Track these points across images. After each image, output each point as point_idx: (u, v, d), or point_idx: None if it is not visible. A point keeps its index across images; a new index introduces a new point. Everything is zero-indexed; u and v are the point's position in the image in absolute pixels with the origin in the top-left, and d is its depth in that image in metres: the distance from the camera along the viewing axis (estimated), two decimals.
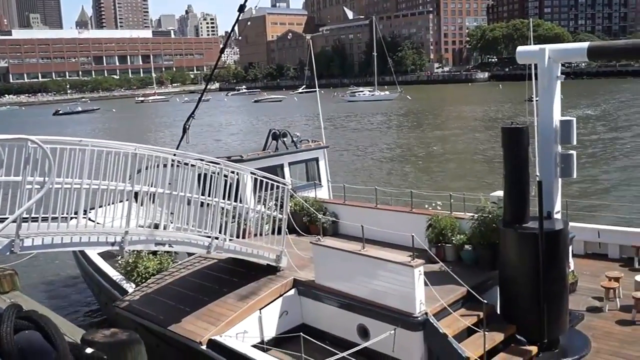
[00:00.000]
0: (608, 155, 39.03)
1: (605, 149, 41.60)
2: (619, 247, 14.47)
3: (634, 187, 29.71)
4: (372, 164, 41.89)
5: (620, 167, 35.24)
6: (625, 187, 29.96)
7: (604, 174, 33.12)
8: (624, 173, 33.43)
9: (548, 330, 9.94)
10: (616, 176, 32.78)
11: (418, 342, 9.66)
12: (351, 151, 47.98)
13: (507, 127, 10.44)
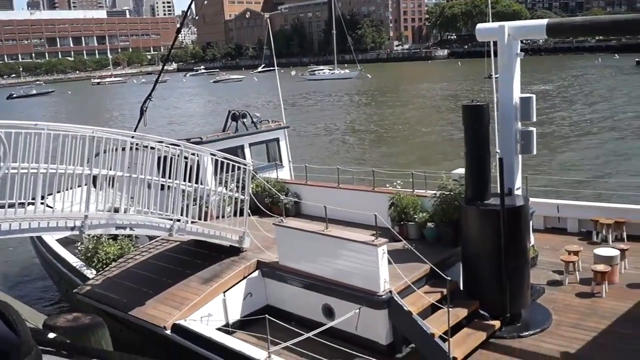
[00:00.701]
0: (566, 131, 39.65)
1: (563, 124, 42.25)
2: (578, 221, 14.75)
3: (592, 162, 30.29)
4: (334, 144, 41.88)
5: (577, 142, 35.84)
6: (582, 162, 30.51)
7: (562, 150, 33.67)
8: (581, 148, 34.02)
9: (510, 305, 10.08)
10: (574, 151, 33.34)
11: (383, 320, 9.71)
12: (312, 131, 47.89)
13: (468, 104, 10.47)
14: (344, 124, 51.89)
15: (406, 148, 38.09)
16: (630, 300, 10.99)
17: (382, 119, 53.04)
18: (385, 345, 9.79)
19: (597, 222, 14.08)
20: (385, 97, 73.63)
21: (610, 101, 52.50)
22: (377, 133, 45.58)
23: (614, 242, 13.67)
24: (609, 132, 37.74)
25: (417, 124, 48.36)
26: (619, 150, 32.30)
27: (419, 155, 34.54)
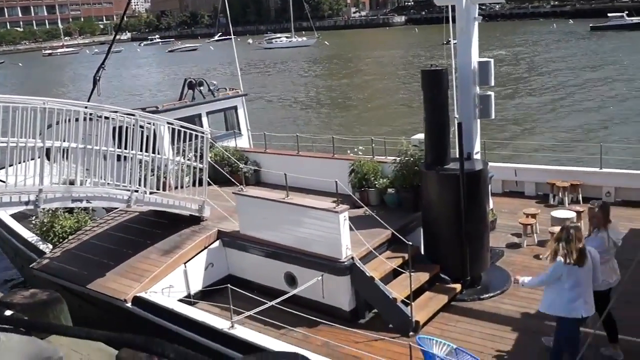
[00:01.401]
0: (522, 95, 40.12)
1: (520, 89, 42.72)
2: (535, 185, 14.97)
3: (548, 125, 30.73)
4: (293, 112, 41.67)
5: (533, 106, 36.29)
6: (539, 126, 30.94)
7: (518, 114, 34.06)
8: (538, 112, 34.47)
9: (470, 268, 10.20)
10: (530, 115, 33.77)
11: (345, 287, 9.74)
12: (271, 99, 47.53)
13: (427, 69, 10.43)
14: (302, 92, 51.60)
15: (366, 115, 38.10)
16: None
17: (341, 87, 52.89)
18: (348, 311, 9.83)
19: (553, 185, 14.31)
20: (344, 64, 73.30)
21: (566, 66, 53.17)
22: (337, 100, 45.46)
23: (570, 204, 13.93)
24: (564, 98, 38.26)
25: (376, 91, 48.37)
26: (574, 115, 32.84)
27: (378, 121, 34.58)
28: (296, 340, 9.05)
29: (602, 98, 36.64)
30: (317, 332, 9.19)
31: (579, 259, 7.14)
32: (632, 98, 35.52)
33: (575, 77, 46.29)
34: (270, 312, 9.07)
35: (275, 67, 75.72)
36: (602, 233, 8.02)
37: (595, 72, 47.69)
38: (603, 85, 41.21)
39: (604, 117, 31.43)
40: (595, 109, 33.73)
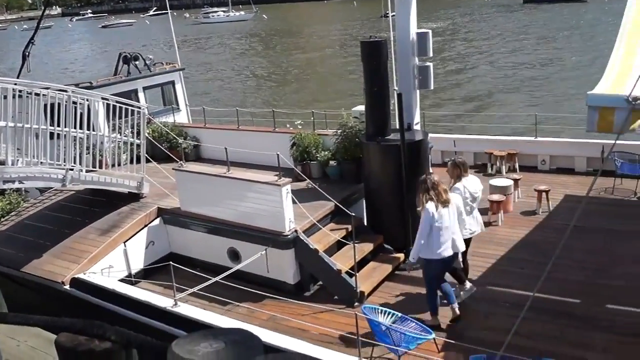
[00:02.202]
0: (459, 66, 40.66)
1: (457, 60, 43.27)
2: (474, 154, 15.24)
3: (485, 96, 31.25)
4: (232, 86, 41.20)
5: (470, 77, 36.84)
6: (476, 96, 31.44)
7: (457, 84, 34.53)
8: (475, 83, 35.01)
9: (413, 238, 10.30)
10: (468, 86, 34.28)
11: (290, 260, 9.72)
12: (209, 74, 46.87)
13: (366, 40, 10.40)
14: (241, 66, 51.01)
15: (306, 89, 37.99)
16: (524, 227, 11.52)
17: (280, 61, 52.52)
18: (293, 285, 9.84)
19: (491, 154, 14.60)
20: (283, 38, 72.78)
21: (499, 37, 54.06)
22: (276, 74, 45.15)
23: (507, 172, 14.25)
24: (499, 69, 38.94)
25: (316, 65, 48.24)
26: (510, 85, 33.49)
27: (319, 94, 34.53)
28: (241, 315, 9.01)
29: (535, 70, 37.43)
30: (263, 307, 9.17)
31: (444, 202, 7.99)
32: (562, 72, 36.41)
33: (509, 49, 47.11)
34: (215, 289, 8.98)
35: (213, 42, 74.54)
36: (458, 185, 8.76)
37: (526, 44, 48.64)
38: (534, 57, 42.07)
39: (537, 88, 32.14)
40: (528, 81, 34.44)
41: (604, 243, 10.58)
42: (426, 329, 7.49)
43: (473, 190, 8.89)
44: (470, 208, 8.89)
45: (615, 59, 6.63)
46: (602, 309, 8.66)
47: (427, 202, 8.00)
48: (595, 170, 13.14)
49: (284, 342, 7.49)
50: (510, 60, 41.81)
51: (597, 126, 5.57)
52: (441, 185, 8.07)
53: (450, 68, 40.20)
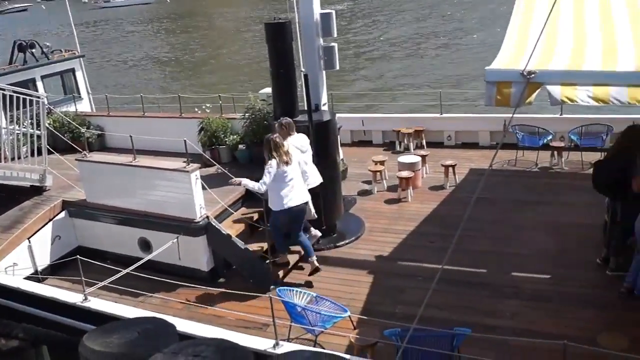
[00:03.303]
0: (365, 46, 41.06)
1: (362, 40, 43.67)
2: (382, 133, 15.48)
3: (390, 75, 31.71)
4: (136, 72, 40.11)
5: (376, 57, 37.29)
6: (382, 75, 31.86)
7: (363, 64, 34.87)
8: (380, 62, 35.46)
9: (326, 218, 10.38)
10: (374, 66, 34.68)
11: (202, 247, 9.59)
12: (112, 60, 45.43)
13: (270, 22, 10.30)
14: (145, 51, 49.68)
15: (212, 72, 37.44)
16: (433, 202, 11.82)
17: (185, 45, 51.48)
18: (207, 272, 9.72)
19: (399, 132, 14.87)
20: (187, 22, 71.29)
21: (403, 18, 54.91)
22: (182, 59, 44.26)
23: (415, 149, 14.55)
24: (404, 48, 39.58)
25: (222, 48, 47.59)
26: (414, 64, 34.11)
27: (225, 78, 34.10)
28: (155, 306, 8.85)
29: (439, 48, 38.27)
30: (177, 296, 9.01)
31: (286, 161, 8.79)
32: (465, 48, 37.40)
33: (413, 28, 47.93)
34: (126, 281, 8.75)
35: (115, 27, 72.19)
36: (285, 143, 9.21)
37: (429, 23, 49.64)
38: (438, 35, 43.01)
39: (442, 65, 32.89)
40: (432, 58, 35.20)
41: (508, 213, 11.01)
42: (342, 308, 7.57)
43: (300, 145, 9.53)
44: (304, 162, 9.55)
45: (511, 35, 6.83)
46: (508, 276, 9.02)
47: (270, 159, 8.76)
48: (500, 143, 13.59)
49: (200, 330, 7.39)
50: (414, 38, 42.54)
51: (495, 100, 5.73)
52: (284, 147, 8.86)
53: (356, 48, 40.54)
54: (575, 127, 13.07)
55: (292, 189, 8.90)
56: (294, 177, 8.95)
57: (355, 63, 35.27)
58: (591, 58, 6.05)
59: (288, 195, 8.86)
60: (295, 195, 8.94)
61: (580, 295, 8.35)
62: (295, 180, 8.96)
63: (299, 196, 9.01)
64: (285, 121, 9.61)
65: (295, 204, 8.93)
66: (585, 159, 12.69)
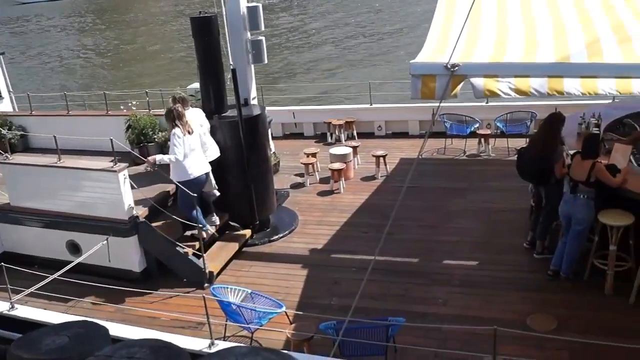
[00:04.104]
0: (295, 39, 40.99)
1: (291, 33, 43.57)
2: (313, 125, 15.52)
3: (320, 68, 31.77)
4: (59, 70, 38.86)
5: (307, 49, 37.28)
6: (313, 69, 31.89)
7: (292, 58, 34.81)
8: (311, 55, 35.47)
9: (258, 212, 10.36)
10: (304, 58, 34.67)
11: (133, 247, 9.40)
12: (33, 57, 43.87)
13: (196, 16, 10.15)
14: (68, 48, 48.16)
15: (139, 68, 36.65)
16: (365, 192, 11.94)
17: (110, 41, 50.19)
18: (139, 272, 9.53)
19: (330, 124, 14.94)
20: (111, 16, 69.54)
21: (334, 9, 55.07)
22: (107, 55, 43.13)
23: (347, 140, 14.66)
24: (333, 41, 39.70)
25: (148, 42, 46.61)
26: (344, 56, 34.26)
27: (152, 74, 33.45)
28: (86, 310, 8.64)
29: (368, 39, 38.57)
30: (109, 299, 8.81)
31: (188, 131, 9.09)
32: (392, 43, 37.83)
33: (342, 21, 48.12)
34: (56, 286, 8.47)
35: (35, 23, 69.74)
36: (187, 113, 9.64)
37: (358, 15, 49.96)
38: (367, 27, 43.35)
39: (371, 56, 33.16)
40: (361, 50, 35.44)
41: (438, 200, 11.22)
42: (277, 303, 7.57)
43: (196, 119, 9.80)
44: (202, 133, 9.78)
45: (435, 28, 6.95)
46: (440, 263, 9.21)
47: (174, 128, 9.02)
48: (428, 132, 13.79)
49: (133, 333, 7.25)
50: (344, 30, 42.72)
51: (421, 93, 5.81)
52: (185, 116, 9.20)
53: (285, 41, 40.42)
54: (501, 115, 13.45)
55: (195, 158, 9.23)
56: (196, 147, 9.27)
57: (284, 56, 35.17)
58: (512, 50, 6.22)
59: (192, 165, 9.17)
60: (198, 165, 9.28)
61: (509, 279, 8.60)
62: (197, 150, 9.30)
63: (202, 166, 9.36)
64: (179, 96, 9.97)
65: (199, 173, 9.27)
66: (511, 146, 13.06)
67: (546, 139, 8.57)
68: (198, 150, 9.36)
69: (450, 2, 7.36)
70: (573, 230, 8.12)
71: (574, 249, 8.22)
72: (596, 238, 8.12)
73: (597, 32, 6.39)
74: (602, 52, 5.99)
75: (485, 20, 6.87)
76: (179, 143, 8.98)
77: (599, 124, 9.53)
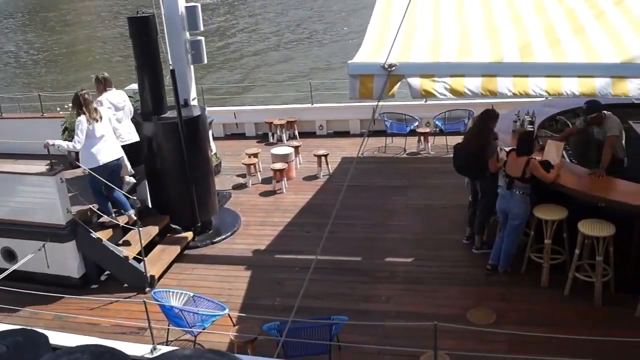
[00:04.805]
0: (235, 39, 40.73)
1: (232, 33, 43.28)
2: (254, 125, 15.47)
3: (262, 67, 31.68)
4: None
5: (247, 49, 37.09)
6: (253, 68, 31.76)
7: (234, 57, 34.59)
8: (252, 54, 35.32)
9: (200, 214, 10.26)
10: (245, 58, 34.49)
11: (71, 253, 9.18)
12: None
13: (133, 16, 9.99)
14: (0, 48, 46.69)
15: (74, 69, 35.79)
16: (307, 192, 11.97)
17: (44, 41, 48.75)
18: (78, 278, 9.31)
19: (271, 123, 14.90)
20: (44, 15, 67.62)
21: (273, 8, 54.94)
22: (40, 55, 41.92)
23: (288, 140, 14.66)
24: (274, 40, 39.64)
25: (83, 42, 45.52)
26: (285, 55, 34.26)
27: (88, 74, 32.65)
28: (24, 319, 8.36)
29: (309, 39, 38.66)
30: (47, 306, 8.59)
31: (95, 118, 8.97)
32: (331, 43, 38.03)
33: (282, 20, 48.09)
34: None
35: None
36: (101, 98, 9.87)
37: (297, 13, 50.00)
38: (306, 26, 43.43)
39: (311, 56, 33.26)
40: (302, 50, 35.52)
41: (380, 199, 11.34)
42: (220, 305, 7.52)
43: (116, 102, 9.95)
44: (119, 119, 9.88)
45: (373, 28, 7.01)
46: (382, 261, 9.32)
47: (79, 115, 8.93)
48: (369, 131, 13.89)
49: (73, 340, 7.07)
50: (283, 29, 42.70)
51: (359, 93, 5.86)
52: (92, 103, 9.09)
53: (225, 41, 40.13)
54: (439, 113, 13.68)
55: (104, 144, 9.09)
56: (105, 133, 9.12)
57: (225, 56, 34.92)
58: (448, 51, 6.34)
59: (101, 152, 9.05)
60: (108, 151, 9.15)
61: (449, 274, 8.78)
62: (106, 136, 9.15)
63: (112, 152, 9.23)
64: (102, 76, 10.05)
65: (109, 159, 9.14)
66: (449, 143, 13.23)
67: (480, 134, 8.77)
68: (108, 136, 9.21)
69: (388, 3, 7.44)
70: (510, 225, 8.34)
71: (511, 244, 8.45)
72: (532, 232, 8.36)
73: (528, 33, 6.58)
74: (533, 52, 6.16)
75: (421, 21, 6.97)
76: (82, 131, 8.85)
77: (533, 122, 9.82)
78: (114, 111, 9.80)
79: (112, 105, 9.83)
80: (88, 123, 8.88)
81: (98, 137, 9.00)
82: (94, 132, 8.96)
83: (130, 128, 10.10)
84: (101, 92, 9.88)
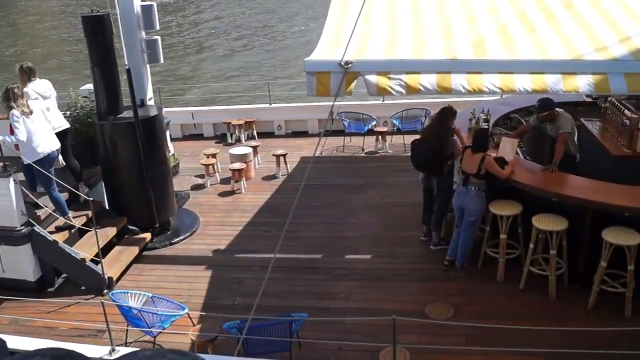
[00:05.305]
0: (192, 38, 40.43)
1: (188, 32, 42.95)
2: (213, 125, 15.41)
3: (218, 68, 31.52)
4: None
5: (204, 47, 36.87)
6: (211, 69, 31.57)
7: (191, 57, 34.34)
8: (209, 54, 35.12)
9: (158, 215, 10.17)
10: (200, 57, 34.28)
11: (27, 256, 8.99)
12: None
13: (87, 15, 9.85)
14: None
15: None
16: (266, 192, 11.97)
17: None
18: (34, 282, 9.12)
19: (229, 124, 14.86)
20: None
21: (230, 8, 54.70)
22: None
23: (247, 140, 14.64)
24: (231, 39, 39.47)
25: (36, 43, 44.68)
26: (242, 54, 34.15)
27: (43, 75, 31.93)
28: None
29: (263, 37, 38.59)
30: (3, 310, 8.42)
31: (25, 112, 8.77)
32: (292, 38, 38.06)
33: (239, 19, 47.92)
34: None
35: None
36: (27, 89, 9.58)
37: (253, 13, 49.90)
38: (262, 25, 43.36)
39: (268, 55, 33.22)
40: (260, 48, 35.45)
41: (339, 197, 11.41)
42: (179, 305, 7.48)
43: (42, 91, 9.83)
44: (47, 108, 9.62)
45: (329, 25, 7.07)
46: (341, 259, 9.37)
47: (11, 110, 8.76)
48: (327, 131, 13.99)
49: (30, 344, 6.95)
50: (240, 28, 42.56)
51: (316, 90, 5.92)
52: (23, 97, 8.93)
53: (181, 40, 39.82)
54: (397, 112, 13.84)
55: (42, 136, 9.00)
56: (40, 125, 9.04)
57: (182, 55, 34.64)
58: (403, 48, 6.43)
59: (41, 144, 8.95)
60: (47, 142, 9.07)
61: (407, 270, 8.89)
62: (42, 127, 9.07)
63: (50, 143, 9.15)
64: (26, 66, 9.86)
65: (49, 150, 9.07)
66: (406, 142, 13.38)
67: (438, 132, 8.89)
68: (44, 127, 9.13)
69: (344, 1, 7.51)
70: (466, 221, 8.48)
71: (467, 239, 8.59)
72: (488, 228, 8.52)
73: (482, 32, 6.71)
74: (486, 50, 6.30)
75: (376, 20, 7.05)
76: (19, 123, 8.72)
77: (488, 119, 9.99)
78: (42, 100, 9.66)
79: (39, 95, 9.68)
80: (24, 115, 8.77)
81: (33, 130, 8.90)
82: (29, 125, 8.85)
83: (59, 116, 10.05)
84: (25, 83, 9.68)
